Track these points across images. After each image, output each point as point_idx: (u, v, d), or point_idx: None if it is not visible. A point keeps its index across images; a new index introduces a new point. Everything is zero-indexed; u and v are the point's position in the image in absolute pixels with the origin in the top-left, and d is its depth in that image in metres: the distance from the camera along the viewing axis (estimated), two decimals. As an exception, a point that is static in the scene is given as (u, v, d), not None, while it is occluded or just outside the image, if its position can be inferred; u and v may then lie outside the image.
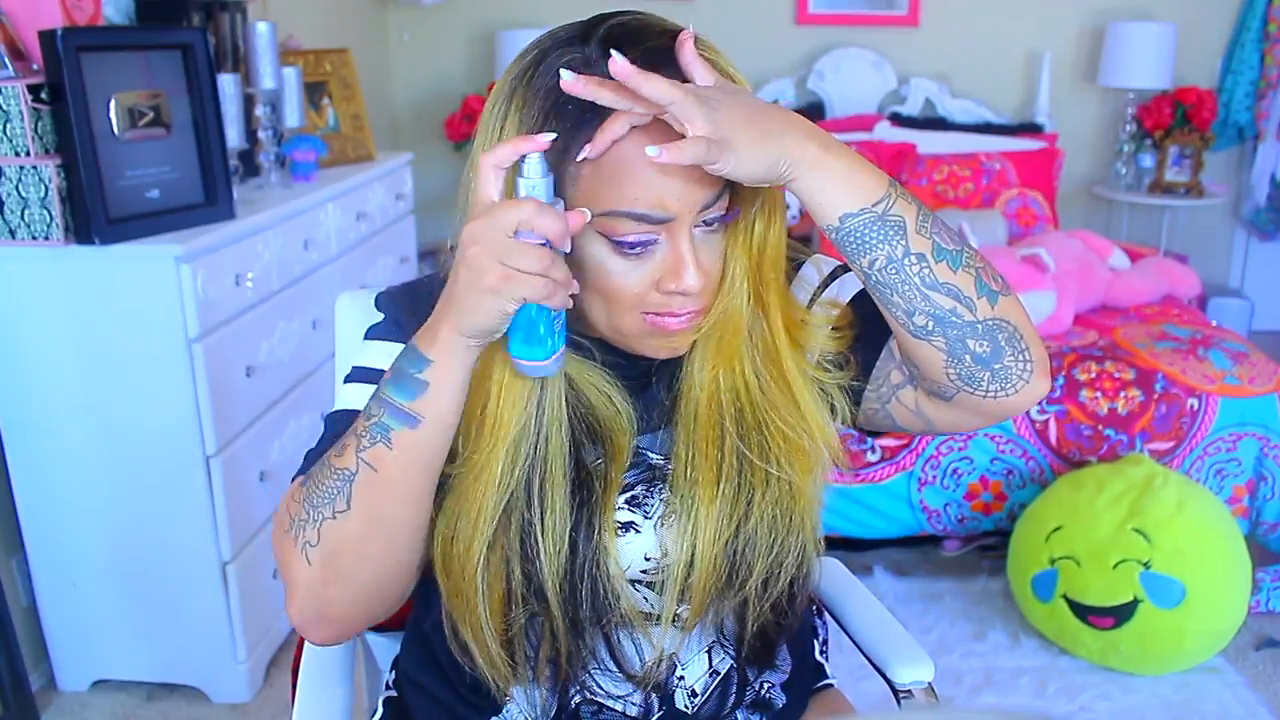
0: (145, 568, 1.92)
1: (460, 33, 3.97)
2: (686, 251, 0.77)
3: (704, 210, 0.77)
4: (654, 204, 0.75)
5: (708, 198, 0.76)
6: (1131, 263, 3.00)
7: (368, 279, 2.62)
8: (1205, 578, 1.97)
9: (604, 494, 0.84)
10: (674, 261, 0.77)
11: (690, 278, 0.77)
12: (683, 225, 0.76)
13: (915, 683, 1.05)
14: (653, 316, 0.79)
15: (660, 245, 0.77)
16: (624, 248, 0.76)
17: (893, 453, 2.34)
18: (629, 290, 0.78)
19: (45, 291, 1.79)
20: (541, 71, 0.75)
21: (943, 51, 3.89)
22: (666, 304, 0.79)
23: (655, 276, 0.78)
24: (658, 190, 0.74)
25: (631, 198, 0.74)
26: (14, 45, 1.75)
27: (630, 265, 0.77)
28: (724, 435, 0.84)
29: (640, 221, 0.75)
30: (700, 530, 0.84)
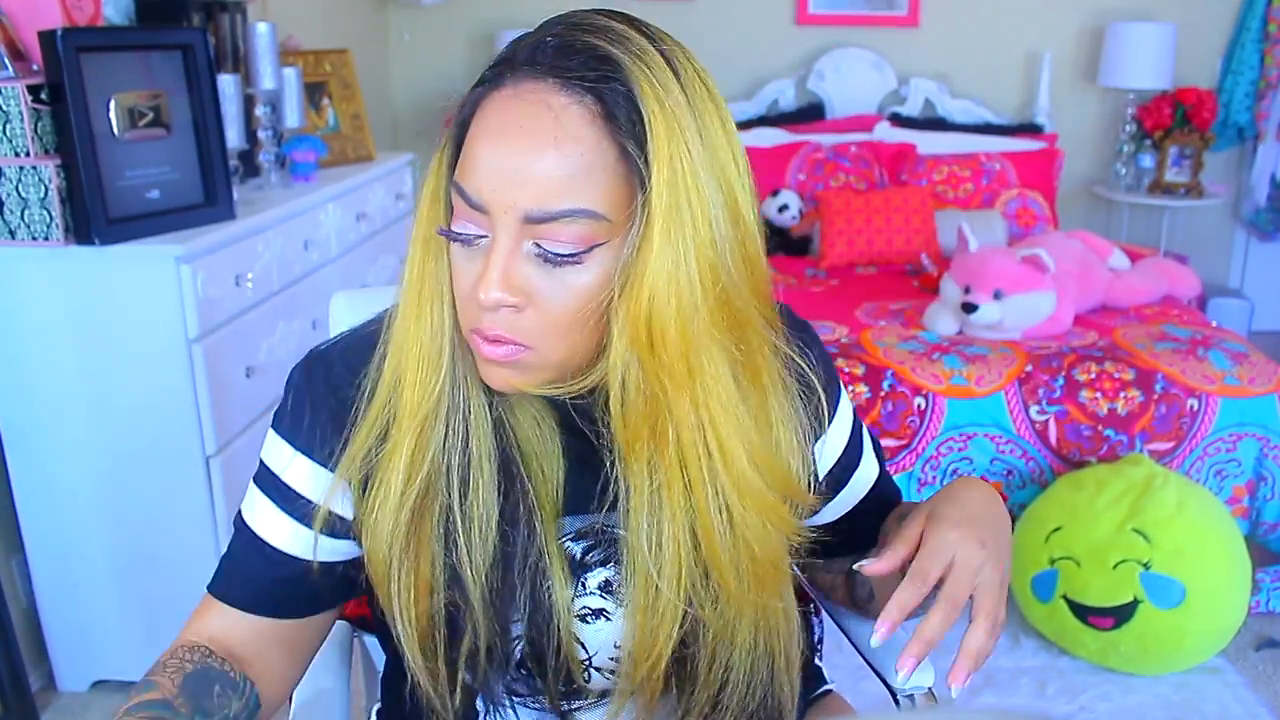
0: (145, 568, 1.92)
1: (460, 33, 3.97)
2: (495, 256, 0.68)
3: (530, 224, 0.67)
4: (473, 185, 0.68)
5: (531, 209, 0.66)
6: (1131, 263, 3.00)
7: (368, 279, 2.62)
8: (1205, 578, 1.97)
9: (545, 526, 0.78)
10: (484, 263, 0.69)
11: (488, 286, 0.67)
12: (498, 224, 0.67)
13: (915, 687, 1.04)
14: (473, 335, 0.72)
15: (486, 244, 0.69)
16: (450, 230, 0.71)
17: (893, 453, 2.34)
18: (459, 285, 0.72)
19: (45, 291, 1.79)
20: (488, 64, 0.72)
21: (943, 51, 3.89)
22: (479, 319, 0.70)
23: (475, 279, 0.70)
24: (482, 170, 0.67)
25: (465, 168, 0.69)
26: (14, 45, 1.75)
27: (462, 256, 0.71)
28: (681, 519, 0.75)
29: (461, 199, 0.69)
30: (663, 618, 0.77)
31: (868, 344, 2.50)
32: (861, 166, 3.52)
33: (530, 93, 0.67)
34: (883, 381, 2.35)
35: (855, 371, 2.36)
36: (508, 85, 0.68)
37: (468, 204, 0.69)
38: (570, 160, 0.66)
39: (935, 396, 2.34)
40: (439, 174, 0.74)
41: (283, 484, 0.81)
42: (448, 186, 0.73)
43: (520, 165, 0.66)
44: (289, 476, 0.81)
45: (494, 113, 0.68)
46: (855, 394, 2.33)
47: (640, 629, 0.78)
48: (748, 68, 3.88)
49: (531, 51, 0.68)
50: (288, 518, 0.81)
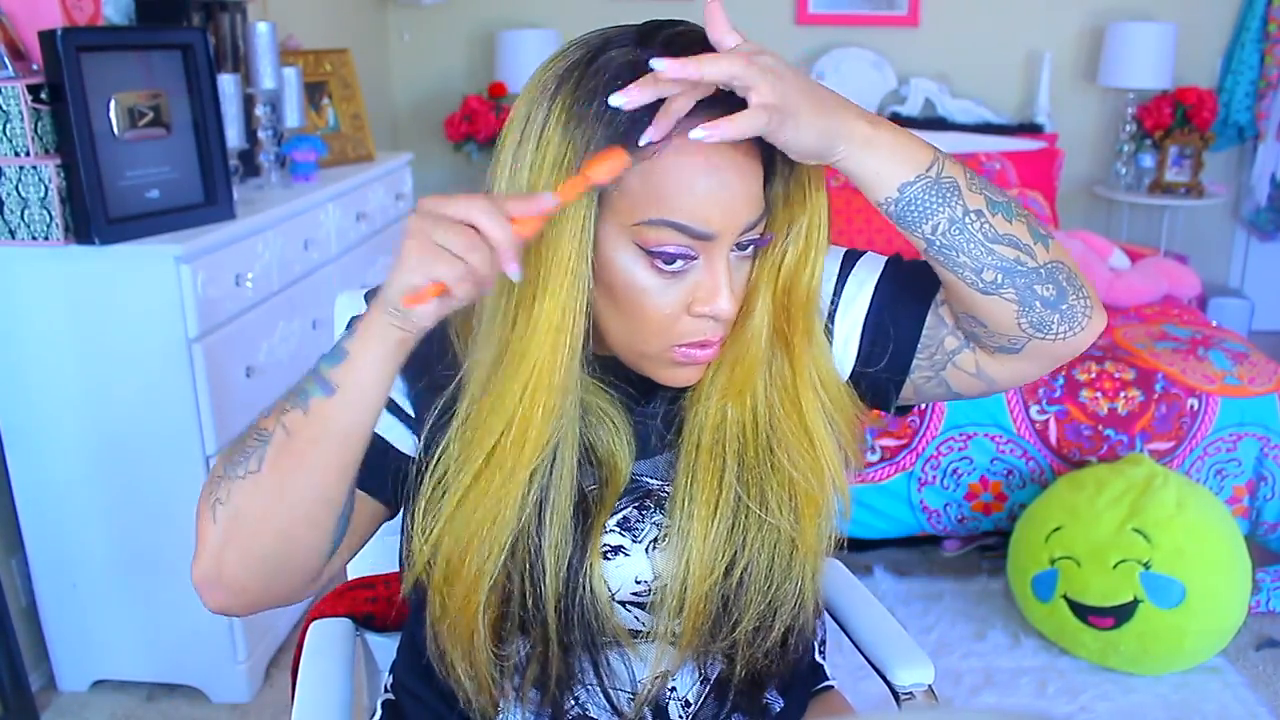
0: (145, 568, 1.92)
1: (460, 33, 3.97)
2: (722, 272, 0.76)
3: (745, 231, 0.76)
4: (699, 217, 0.74)
5: (751, 217, 0.76)
6: (1131, 263, 3.00)
7: (368, 279, 2.62)
8: (1205, 578, 1.97)
9: (596, 517, 0.83)
10: (709, 283, 0.76)
11: (724, 301, 0.76)
12: (723, 245, 0.75)
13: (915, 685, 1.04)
14: (683, 349, 0.78)
15: (696, 266, 0.76)
16: (660, 261, 0.75)
17: (893, 453, 2.34)
18: (659, 311, 0.77)
19: (45, 291, 1.79)
20: (592, 72, 0.73)
21: (943, 51, 3.89)
22: (698, 331, 0.78)
23: (688, 299, 0.77)
24: (704, 203, 0.74)
25: (676, 207, 0.73)
26: (14, 45, 1.75)
27: (663, 284, 0.76)
28: (724, 472, 0.83)
29: (681, 233, 0.74)
30: (693, 564, 0.82)
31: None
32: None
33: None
34: (883, 381, 2.35)
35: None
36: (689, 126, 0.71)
37: (690, 236, 0.74)
38: (757, 165, 0.76)
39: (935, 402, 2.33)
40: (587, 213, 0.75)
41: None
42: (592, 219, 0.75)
43: (738, 189, 0.75)
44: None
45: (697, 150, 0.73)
46: (855, 394, 2.33)
47: (688, 563, 0.82)
48: (748, 68, 3.88)
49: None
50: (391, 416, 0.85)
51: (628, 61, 0.73)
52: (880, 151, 0.73)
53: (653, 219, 0.74)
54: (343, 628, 1.10)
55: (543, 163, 0.74)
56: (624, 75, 0.72)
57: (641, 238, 0.74)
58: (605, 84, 0.72)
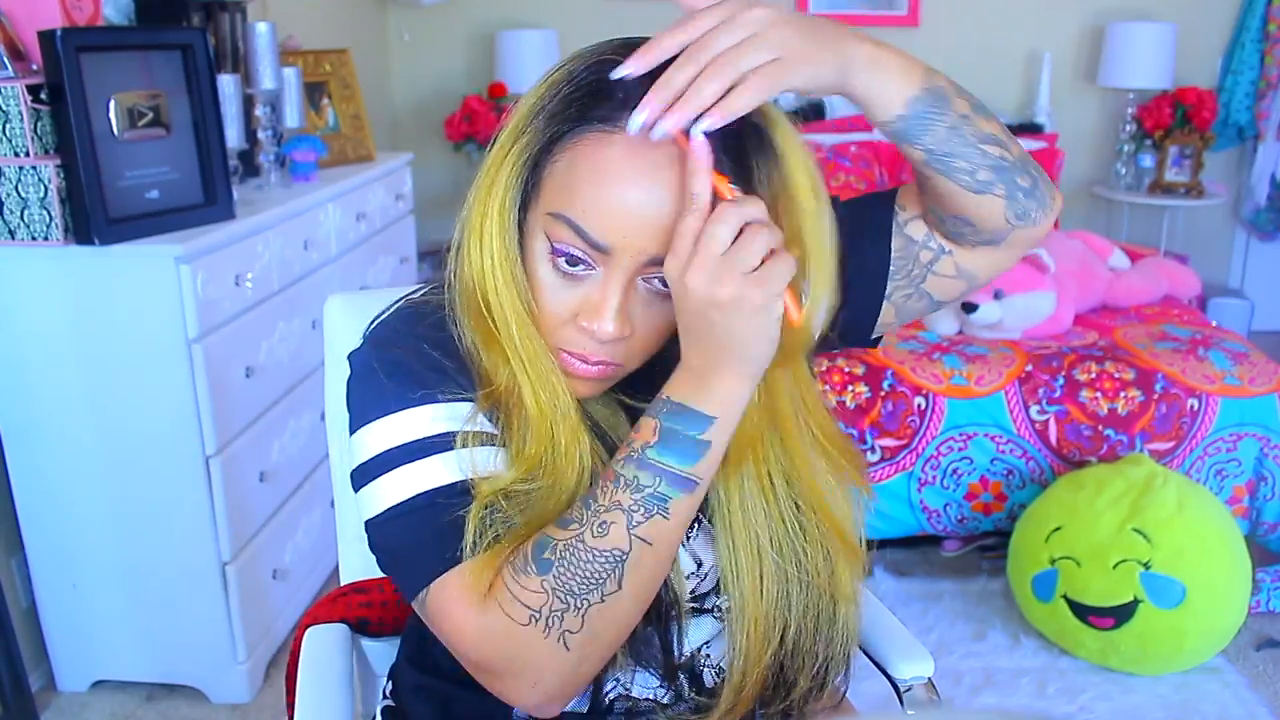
0: (145, 568, 1.92)
1: (460, 33, 3.97)
2: (614, 293, 0.72)
3: (653, 265, 0.71)
4: (597, 225, 0.70)
5: (658, 250, 0.70)
6: (1131, 263, 3.00)
7: (368, 279, 2.62)
8: (1205, 578, 1.97)
9: None
10: (598, 299, 0.72)
11: (607, 322, 0.72)
12: (618, 265, 0.71)
13: (915, 678, 1.05)
14: (566, 355, 0.76)
15: (593, 279, 0.73)
16: (557, 257, 0.73)
17: (893, 453, 2.34)
18: (549, 307, 0.75)
19: (45, 291, 1.79)
20: (572, 82, 0.73)
21: (943, 51, 3.88)
22: (579, 342, 0.74)
23: (577, 307, 0.74)
24: (607, 212, 0.70)
25: (581, 208, 0.71)
26: (14, 45, 1.75)
27: (559, 284, 0.74)
28: (759, 539, 0.81)
29: (578, 236, 0.71)
30: (751, 640, 0.81)
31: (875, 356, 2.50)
32: (862, 166, 3.52)
33: (660, 144, 0.68)
34: (883, 381, 2.35)
35: (855, 371, 2.36)
36: (622, 130, 0.69)
37: (585, 242, 0.71)
38: (678, 204, 0.69)
39: (935, 396, 2.34)
40: (508, 187, 0.74)
41: (426, 440, 0.77)
42: (512, 204, 0.74)
43: (655, 213, 0.69)
44: (413, 433, 0.77)
45: (619, 159, 0.70)
46: (855, 394, 2.33)
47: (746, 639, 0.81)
48: (748, 68, 3.88)
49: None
50: (440, 456, 0.76)
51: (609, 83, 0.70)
52: (889, 69, 0.73)
53: (558, 212, 0.72)
54: (339, 634, 1.08)
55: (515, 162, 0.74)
56: (593, 92, 0.71)
57: (549, 229, 0.73)
58: (573, 86, 0.72)
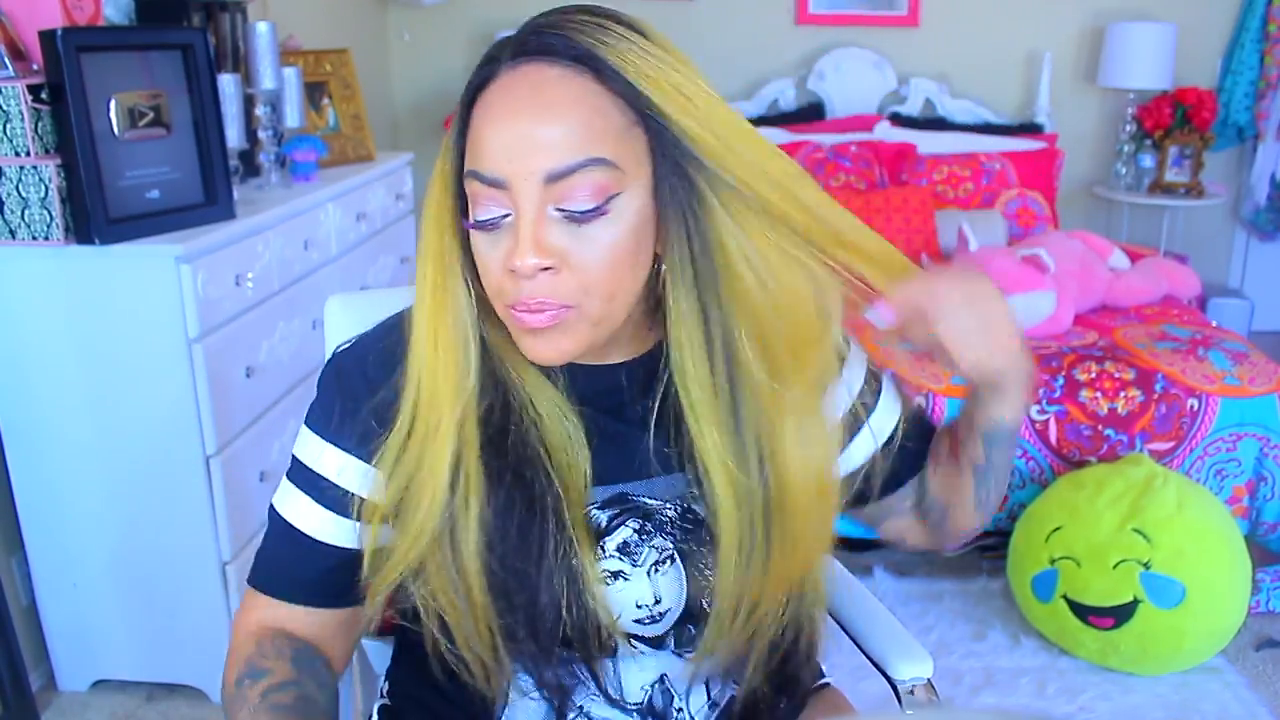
0: (145, 568, 1.92)
1: (460, 33, 3.97)
2: (524, 224, 0.72)
3: (551, 183, 0.71)
4: (489, 164, 0.72)
5: (551, 167, 0.71)
6: (1131, 263, 3.00)
7: (368, 279, 2.62)
8: (1205, 578, 1.97)
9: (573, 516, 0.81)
10: (514, 237, 0.73)
11: (526, 254, 0.71)
12: (520, 194, 0.72)
13: (915, 679, 1.05)
14: (513, 310, 0.75)
15: (510, 221, 0.74)
16: (478, 214, 0.74)
17: (893, 453, 2.34)
18: (488, 270, 0.75)
19: (45, 291, 1.79)
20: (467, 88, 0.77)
21: (943, 51, 3.89)
22: (516, 290, 0.74)
23: (504, 257, 0.74)
24: (497, 148, 0.72)
25: (475, 155, 0.74)
26: (14, 45, 1.75)
27: (487, 241, 0.75)
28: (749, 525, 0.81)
29: (480, 182, 0.73)
30: (723, 611, 0.82)
31: (868, 344, 2.50)
32: (862, 166, 3.52)
33: (525, 74, 0.73)
34: (883, 381, 2.35)
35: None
36: (503, 74, 0.74)
37: (485, 184, 0.73)
38: (575, 118, 0.71)
39: (936, 396, 2.34)
40: (443, 180, 0.78)
41: (316, 475, 0.85)
42: (455, 187, 0.77)
43: (531, 132, 0.71)
44: (322, 467, 0.84)
45: (495, 97, 0.73)
46: (855, 394, 2.33)
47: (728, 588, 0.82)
48: (748, 68, 3.88)
49: (518, 44, 0.74)
50: (323, 509, 0.85)
51: (490, 51, 0.76)
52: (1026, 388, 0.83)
53: (466, 171, 0.75)
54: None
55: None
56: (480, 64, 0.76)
57: (469, 194, 0.75)
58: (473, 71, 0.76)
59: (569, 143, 0.71)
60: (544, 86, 0.72)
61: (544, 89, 0.72)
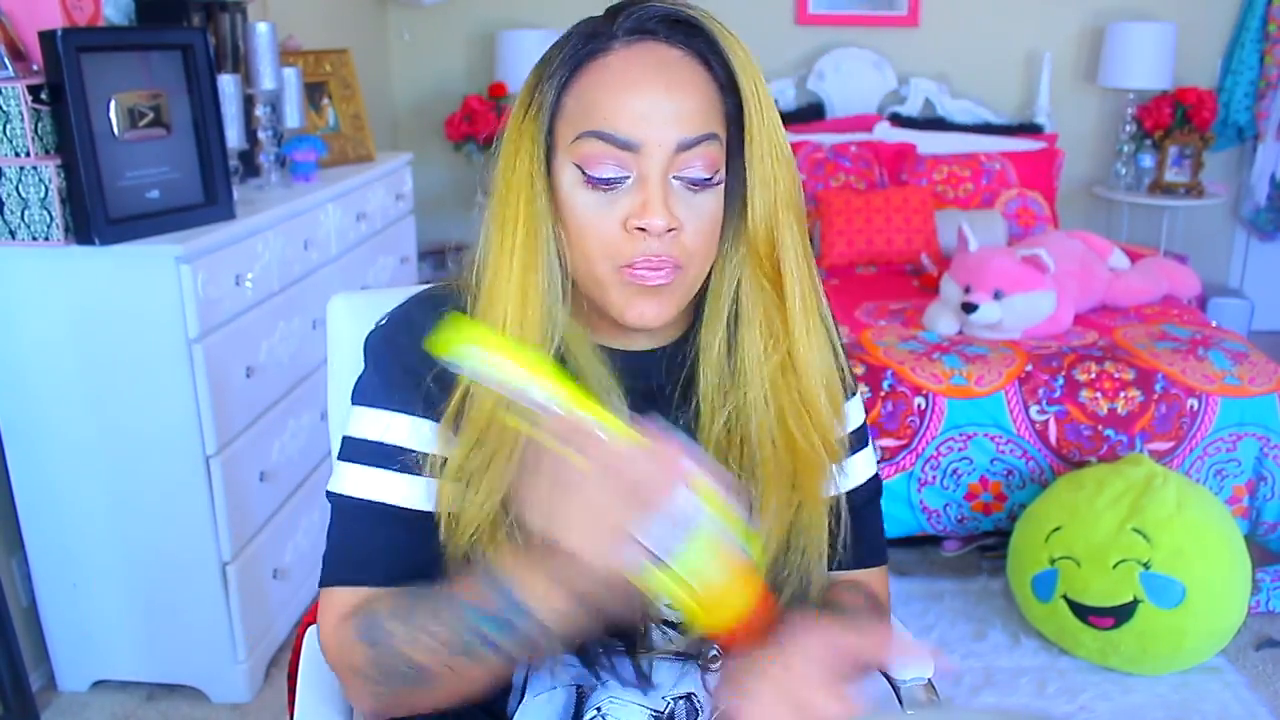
0: (145, 568, 1.92)
1: (460, 33, 3.97)
2: (655, 187, 0.77)
3: (680, 152, 0.77)
4: (622, 127, 0.76)
5: (684, 134, 0.77)
6: (1131, 263, 3.00)
7: (368, 279, 2.62)
8: (1205, 578, 1.97)
9: None
10: (642, 197, 0.77)
11: (656, 214, 0.76)
12: (651, 159, 0.77)
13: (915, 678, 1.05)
14: (628, 269, 0.78)
15: (631, 183, 0.78)
16: (591, 178, 0.77)
17: (892, 453, 2.34)
18: (597, 230, 0.78)
19: (45, 291, 1.79)
20: (560, 45, 0.80)
21: (943, 51, 3.89)
22: (638, 250, 0.78)
23: (624, 216, 0.78)
24: (628, 113, 0.76)
25: (601, 118, 0.77)
26: (14, 45, 1.75)
27: (599, 201, 0.78)
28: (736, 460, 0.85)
29: (606, 143, 0.76)
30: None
31: (867, 344, 2.50)
32: (861, 166, 3.52)
33: (648, 50, 0.79)
34: (883, 381, 2.35)
35: (855, 371, 2.35)
36: (620, 49, 0.79)
37: (615, 145, 0.77)
38: (697, 96, 0.78)
39: (935, 396, 2.34)
40: (531, 145, 0.80)
41: (383, 445, 0.84)
42: (542, 155, 0.80)
43: (666, 102, 0.77)
44: (389, 436, 0.84)
45: (622, 68, 0.78)
46: (855, 394, 2.33)
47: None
48: (748, 68, 3.88)
49: (633, 24, 0.79)
50: (398, 474, 0.83)
51: (589, 29, 0.80)
52: None
53: (582, 133, 0.78)
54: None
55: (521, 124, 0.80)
56: (580, 38, 0.80)
57: (576, 155, 0.78)
58: (562, 47, 0.80)
59: (698, 116, 0.78)
60: (670, 65, 0.78)
61: (671, 67, 0.78)
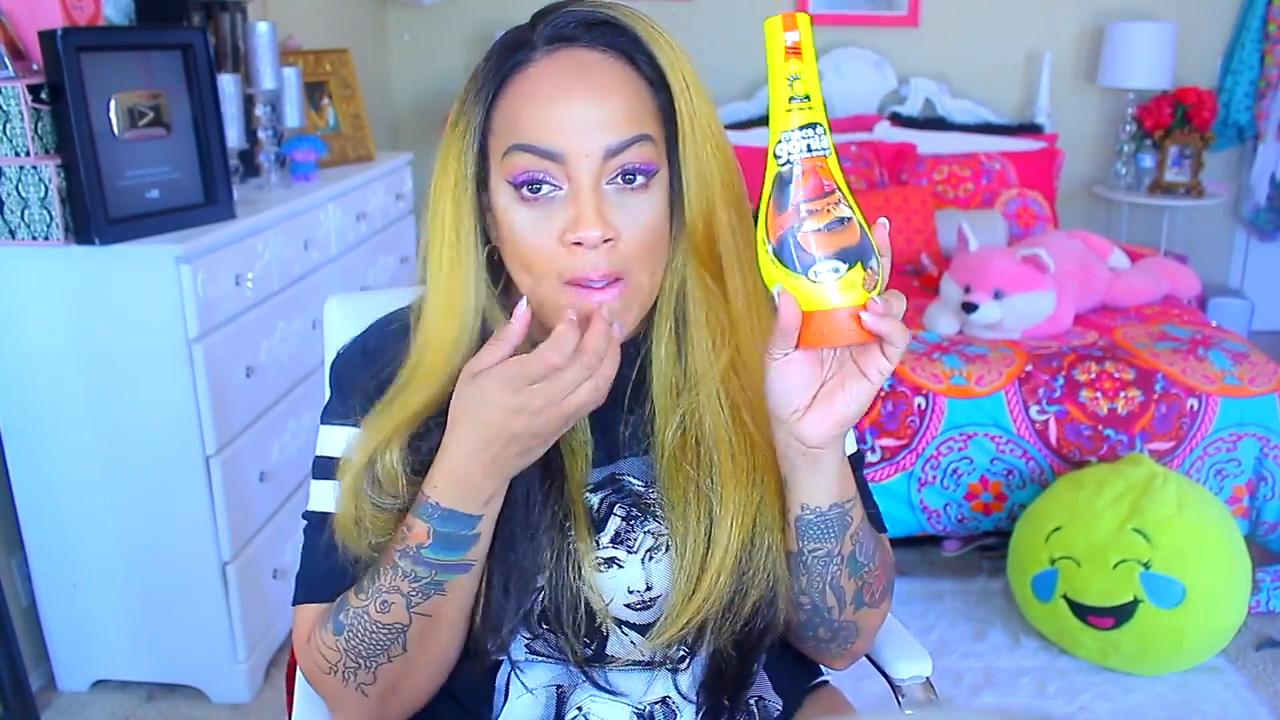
0: (145, 568, 1.92)
1: (460, 33, 3.97)
2: (586, 196, 0.74)
3: (609, 158, 0.75)
4: (546, 137, 0.75)
5: (611, 139, 0.75)
6: (1131, 263, 3.00)
7: (368, 279, 2.62)
8: (1205, 578, 1.97)
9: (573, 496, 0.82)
10: (574, 209, 0.75)
11: (590, 226, 0.74)
12: (579, 168, 0.75)
13: (914, 678, 1.05)
14: (574, 289, 0.76)
15: (563, 195, 0.76)
16: (521, 190, 0.76)
17: (892, 453, 2.34)
18: (534, 246, 0.76)
19: (45, 291, 1.79)
20: (486, 59, 0.80)
21: (943, 51, 3.89)
22: (578, 265, 0.75)
23: (559, 230, 0.75)
24: (553, 122, 0.75)
25: (526, 131, 0.75)
26: (14, 45, 1.75)
27: (533, 217, 0.76)
28: (691, 460, 0.83)
29: (532, 155, 0.75)
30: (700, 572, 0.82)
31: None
32: (862, 166, 3.52)
33: (567, 58, 0.77)
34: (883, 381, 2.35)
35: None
36: (542, 58, 0.77)
37: (540, 157, 0.75)
38: (623, 98, 0.76)
39: (935, 396, 2.34)
40: (460, 161, 0.79)
41: (329, 461, 0.85)
42: (474, 173, 0.79)
43: (590, 109, 0.75)
44: (335, 450, 0.85)
45: (542, 77, 0.76)
46: (855, 394, 2.33)
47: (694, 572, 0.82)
48: (748, 68, 3.88)
49: (552, 31, 0.78)
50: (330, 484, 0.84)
51: (512, 39, 0.79)
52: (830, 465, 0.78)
53: (509, 147, 0.76)
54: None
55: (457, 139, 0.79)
56: (503, 51, 0.79)
57: (506, 170, 0.77)
58: (488, 60, 0.79)
59: (623, 119, 0.75)
60: (591, 69, 0.76)
61: (592, 71, 0.76)
